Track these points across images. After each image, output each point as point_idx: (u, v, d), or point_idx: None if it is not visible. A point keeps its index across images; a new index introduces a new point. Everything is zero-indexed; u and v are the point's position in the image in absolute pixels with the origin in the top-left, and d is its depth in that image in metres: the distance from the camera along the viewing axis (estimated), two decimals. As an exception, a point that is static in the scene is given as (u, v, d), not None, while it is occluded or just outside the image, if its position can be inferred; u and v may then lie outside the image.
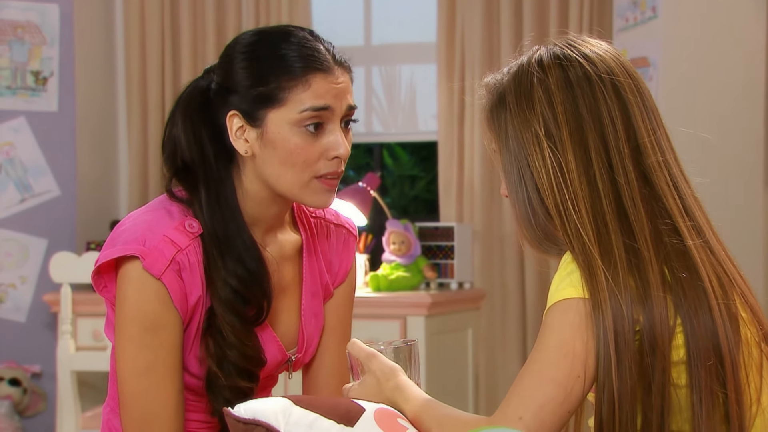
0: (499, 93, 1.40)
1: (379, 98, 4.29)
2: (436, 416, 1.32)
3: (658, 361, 1.25)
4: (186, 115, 1.55)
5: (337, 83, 1.50)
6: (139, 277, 1.47)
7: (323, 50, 1.51)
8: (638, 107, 1.35)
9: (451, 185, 4.01)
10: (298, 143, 1.49)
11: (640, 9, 3.51)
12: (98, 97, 4.20)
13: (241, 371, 1.52)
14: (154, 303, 1.47)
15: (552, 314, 1.28)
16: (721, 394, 1.26)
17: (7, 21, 3.90)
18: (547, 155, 1.32)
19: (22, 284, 3.90)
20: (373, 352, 1.42)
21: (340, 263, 1.72)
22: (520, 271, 3.90)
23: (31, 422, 3.88)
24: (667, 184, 1.33)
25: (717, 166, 3.31)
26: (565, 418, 1.26)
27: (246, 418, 1.27)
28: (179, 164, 1.55)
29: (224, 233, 1.51)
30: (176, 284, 1.48)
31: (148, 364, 1.49)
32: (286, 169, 1.50)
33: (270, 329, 1.59)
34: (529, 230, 1.38)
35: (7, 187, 3.89)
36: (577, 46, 1.38)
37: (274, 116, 1.49)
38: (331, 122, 1.51)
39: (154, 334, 1.48)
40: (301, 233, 1.67)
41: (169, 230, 1.49)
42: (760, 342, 1.31)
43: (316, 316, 1.68)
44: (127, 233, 1.50)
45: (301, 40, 1.51)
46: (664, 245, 1.29)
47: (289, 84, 1.48)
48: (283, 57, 1.49)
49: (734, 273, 1.34)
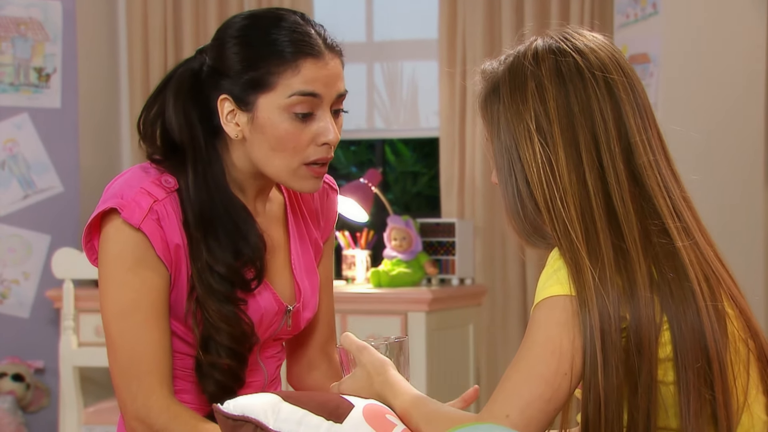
0: (494, 83, 1.39)
1: (380, 94, 4.30)
2: (424, 412, 1.33)
3: (644, 360, 1.25)
4: (178, 96, 1.56)
5: (327, 68, 1.51)
6: (119, 227, 1.49)
7: (314, 34, 1.51)
8: (630, 106, 1.34)
9: (452, 181, 4.02)
10: (288, 129, 1.50)
11: (641, 5, 3.51)
12: (101, 93, 4.21)
13: (229, 351, 1.52)
14: (134, 247, 1.48)
15: (539, 311, 1.28)
16: (709, 395, 1.26)
17: (10, 17, 3.92)
18: (537, 149, 1.32)
19: (25, 280, 3.92)
20: (364, 345, 1.43)
21: (327, 218, 1.75)
22: (521, 267, 3.91)
23: (34, 418, 3.90)
24: (657, 185, 1.33)
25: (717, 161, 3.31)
26: (551, 415, 1.26)
27: (235, 414, 1.27)
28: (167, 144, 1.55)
29: (210, 215, 1.52)
30: (157, 233, 1.49)
31: (131, 304, 1.49)
32: (275, 153, 1.51)
33: (265, 281, 1.59)
34: (518, 222, 1.38)
35: (10, 184, 3.91)
36: (572, 41, 1.37)
37: (264, 101, 1.50)
38: (321, 108, 1.52)
39: (135, 273, 1.48)
40: (284, 193, 1.69)
41: (146, 183, 1.51)
42: (747, 339, 1.32)
43: (309, 273, 1.69)
44: (106, 194, 1.52)
45: (292, 24, 1.51)
46: (653, 246, 1.29)
47: (279, 69, 1.49)
48: (274, 42, 1.49)
49: (722, 272, 1.34)
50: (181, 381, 1.58)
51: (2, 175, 3.90)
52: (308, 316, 1.69)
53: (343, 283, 3.81)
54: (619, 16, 3.67)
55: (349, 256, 3.82)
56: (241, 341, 1.53)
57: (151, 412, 1.48)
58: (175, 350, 1.55)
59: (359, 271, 3.80)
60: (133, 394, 1.49)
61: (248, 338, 1.55)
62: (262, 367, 1.66)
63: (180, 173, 1.54)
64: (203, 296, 1.51)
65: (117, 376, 1.51)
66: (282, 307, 1.62)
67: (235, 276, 1.53)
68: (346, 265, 3.83)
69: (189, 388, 1.58)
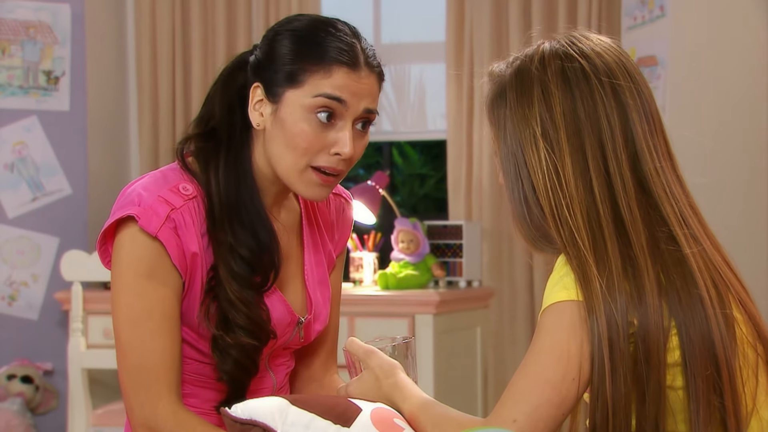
0: (501, 86, 1.39)
1: (388, 97, 4.30)
2: (432, 416, 1.33)
3: (652, 368, 1.24)
4: (225, 82, 1.59)
5: (360, 82, 1.51)
6: (135, 235, 1.48)
7: (358, 48, 1.52)
8: (637, 112, 1.34)
9: (460, 183, 4.02)
10: (305, 129, 1.50)
11: (648, 7, 3.51)
12: (109, 96, 4.22)
13: (247, 332, 1.51)
14: (149, 254, 1.48)
15: (547, 316, 1.28)
16: (718, 402, 1.25)
17: (20, 21, 3.93)
18: (543, 156, 1.32)
19: (34, 282, 3.93)
20: (371, 349, 1.43)
21: (342, 232, 1.76)
22: (529, 269, 3.91)
23: (42, 419, 3.91)
24: (664, 191, 1.32)
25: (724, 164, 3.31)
26: (559, 420, 1.26)
27: (243, 418, 1.28)
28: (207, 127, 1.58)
29: (236, 199, 1.53)
30: (173, 241, 1.49)
31: (143, 311, 1.48)
32: (288, 151, 1.52)
33: (278, 291, 1.60)
34: (525, 226, 1.38)
35: (19, 186, 3.93)
36: (579, 45, 1.37)
37: (290, 96, 1.50)
38: (344, 119, 1.51)
39: (149, 281, 1.48)
40: (300, 204, 1.70)
41: (163, 191, 1.51)
42: (756, 344, 1.31)
43: (321, 285, 1.69)
44: (123, 199, 1.52)
45: (342, 34, 1.53)
46: (661, 253, 1.28)
47: (313, 68, 1.49)
48: (319, 44, 1.50)
49: (731, 278, 1.33)
50: (188, 385, 1.58)
51: (11, 178, 3.91)
52: (318, 328, 1.69)
53: (350, 285, 3.81)
54: (627, 19, 3.67)
55: (356, 258, 3.82)
56: (258, 323, 1.53)
57: (159, 419, 1.48)
58: (184, 356, 1.55)
59: (367, 274, 3.81)
60: (140, 401, 1.49)
61: (264, 325, 1.54)
62: (271, 374, 1.66)
63: (211, 158, 1.55)
64: (225, 278, 1.50)
65: (126, 382, 1.51)
66: (294, 318, 1.62)
67: (256, 261, 1.53)
68: (354, 267, 3.84)
69: (196, 392, 1.58)
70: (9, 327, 3.90)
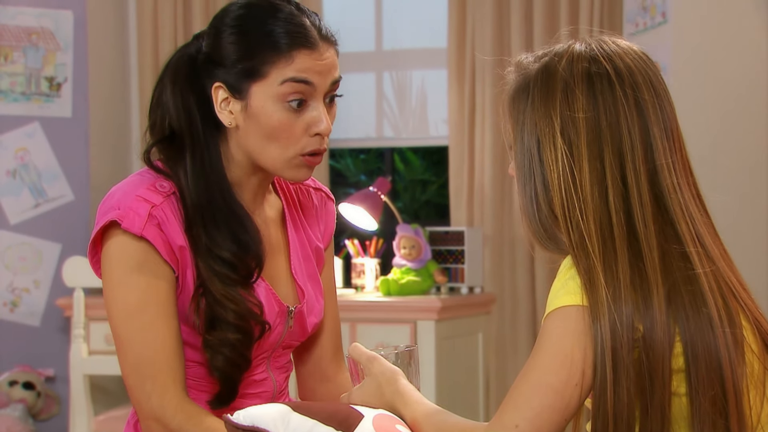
0: (526, 80, 1.38)
1: (390, 103, 4.31)
2: (434, 422, 1.33)
3: (656, 381, 1.23)
4: (175, 82, 1.56)
5: (322, 59, 1.52)
6: (121, 237, 1.49)
7: (309, 25, 1.52)
8: (659, 127, 1.33)
9: (461, 189, 4.02)
10: (281, 119, 1.51)
11: (650, 14, 3.51)
12: (112, 102, 4.23)
13: (235, 327, 1.51)
14: (138, 251, 1.48)
15: (550, 321, 1.27)
16: (723, 424, 1.24)
17: (22, 27, 3.94)
18: (560, 155, 1.31)
19: (35, 288, 3.93)
20: (374, 355, 1.43)
21: (326, 225, 1.77)
22: (531, 275, 3.91)
23: (44, 426, 3.91)
24: (680, 209, 1.31)
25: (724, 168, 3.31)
26: (562, 425, 1.26)
27: (245, 424, 1.28)
28: (166, 131, 1.56)
29: (209, 202, 1.52)
30: (159, 237, 1.49)
31: (137, 304, 1.48)
32: (269, 142, 1.52)
33: (265, 282, 1.59)
34: (532, 223, 1.38)
35: (21, 192, 3.93)
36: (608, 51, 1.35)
37: (257, 89, 1.51)
38: (314, 99, 1.52)
39: (140, 274, 1.48)
40: (281, 199, 1.70)
41: (140, 190, 1.51)
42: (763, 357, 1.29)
43: (311, 279, 1.69)
44: (103, 207, 1.52)
45: (288, 15, 1.52)
46: (672, 270, 1.27)
47: (273, 59, 1.49)
48: (269, 33, 1.50)
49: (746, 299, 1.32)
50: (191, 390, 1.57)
51: (13, 184, 3.92)
52: (314, 321, 1.68)
53: (352, 291, 3.81)
54: (629, 26, 3.67)
55: (358, 264, 3.82)
56: (247, 318, 1.52)
57: (167, 411, 1.48)
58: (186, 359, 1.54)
59: (368, 280, 3.81)
60: (147, 394, 1.49)
61: (255, 316, 1.54)
62: (272, 377, 1.66)
63: (179, 161, 1.54)
64: (208, 279, 1.50)
65: (129, 376, 1.50)
66: (283, 308, 1.62)
67: (237, 260, 1.53)
68: (356, 273, 3.84)
69: (193, 395, 1.57)
70: (11, 333, 3.90)
